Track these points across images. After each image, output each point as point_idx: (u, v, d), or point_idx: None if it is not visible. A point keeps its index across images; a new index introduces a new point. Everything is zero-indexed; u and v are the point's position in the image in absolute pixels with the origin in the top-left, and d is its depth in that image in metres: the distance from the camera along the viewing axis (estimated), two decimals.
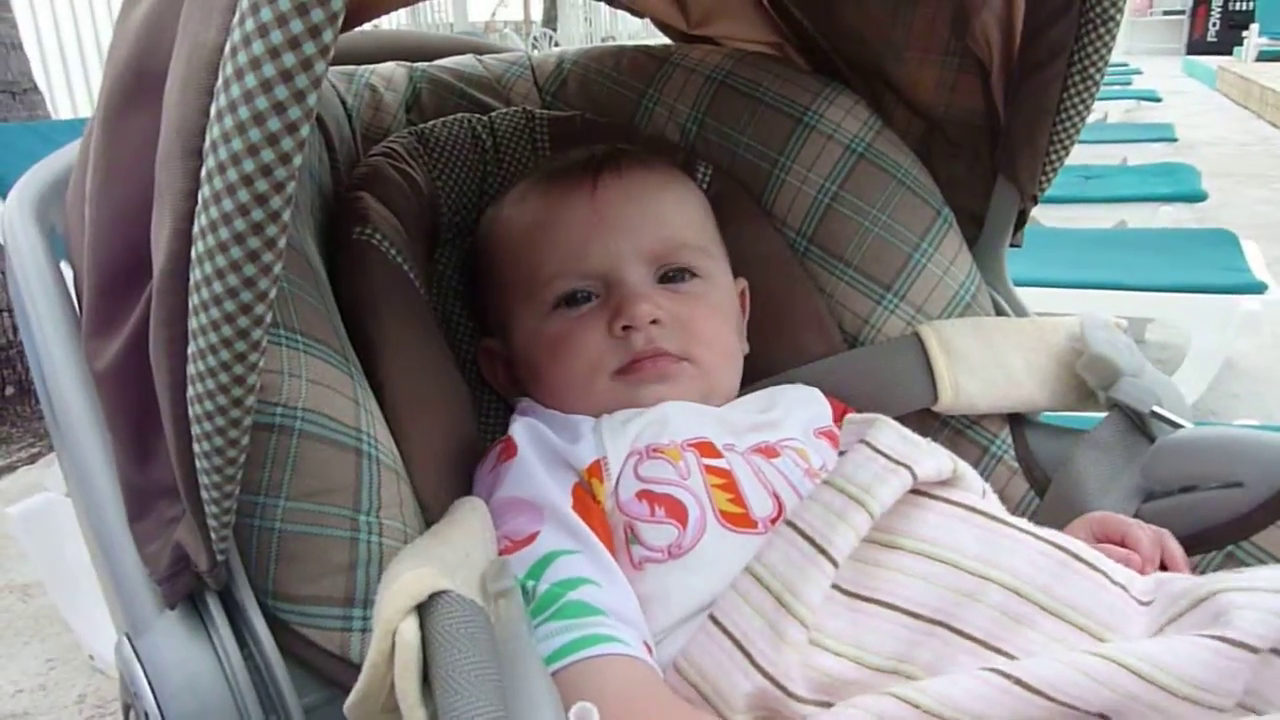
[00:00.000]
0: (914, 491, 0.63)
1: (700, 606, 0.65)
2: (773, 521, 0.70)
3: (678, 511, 0.69)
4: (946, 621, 0.59)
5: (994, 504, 0.68)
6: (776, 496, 0.72)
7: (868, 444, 0.64)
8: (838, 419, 0.87)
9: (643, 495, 0.71)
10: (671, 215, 0.87)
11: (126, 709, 0.60)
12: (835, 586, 0.61)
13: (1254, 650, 0.52)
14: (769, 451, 0.77)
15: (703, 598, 0.65)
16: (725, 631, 0.60)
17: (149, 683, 0.57)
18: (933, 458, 0.64)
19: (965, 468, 0.67)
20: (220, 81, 0.40)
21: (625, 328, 0.80)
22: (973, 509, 0.64)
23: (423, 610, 0.51)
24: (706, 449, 0.75)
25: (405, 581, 0.51)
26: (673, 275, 0.85)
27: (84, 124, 0.64)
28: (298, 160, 0.40)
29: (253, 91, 0.39)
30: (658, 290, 0.83)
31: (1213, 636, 0.53)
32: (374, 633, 0.51)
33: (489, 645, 0.51)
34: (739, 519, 0.70)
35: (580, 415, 0.79)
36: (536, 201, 0.88)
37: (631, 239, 0.83)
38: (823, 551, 0.60)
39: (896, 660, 0.59)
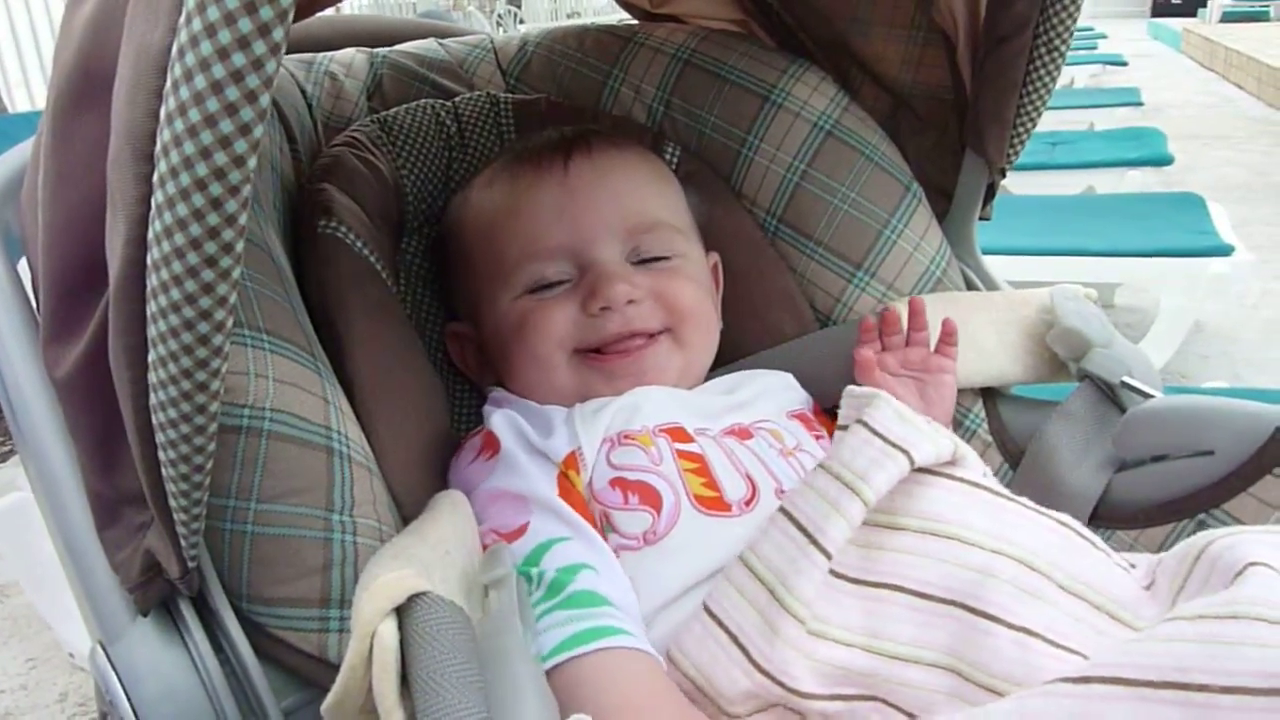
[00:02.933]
0: (916, 470, 0.62)
1: (679, 592, 0.65)
2: (747, 504, 0.70)
3: (651, 498, 0.69)
4: (962, 600, 0.57)
5: (994, 483, 0.66)
6: (750, 478, 0.72)
7: (864, 424, 0.62)
8: (815, 410, 0.87)
9: (616, 483, 0.70)
10: (644, 194, 0.87)
11: (104, 717, 0.60)
12: (840, 574, 0.60)
13: None
14: (742, 433, 0.77)
15: (680, 583, 0.65)
16: (720, 625, 0.60)
17: (124, 691, 0.57)
18: (931, 442, 0.62)
19: (966, 449, 0.65)
20: (169, 84, 0.39)
21: (603, 308, 0.80)
22: (975, 484, 0.63)
23: (401, 612, 0.50)
24: (678, 434, 0.75)
25: (384, 583, 0.51)
26: (647, 259, 0.84)
27: (39, 117, 0.62)
28: (252, 162, 0.39)
29: (203, 93, 0.38)
30: (632, 270, 0.83)
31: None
32: (352, 634, 0.50)
33: (469, 646, 0.50)
34: (713, 502, 0.70)
35: (553, 406, 0.78)
36: (506, 184, 0.87)
37: (604, 218, 0.83)
38: (814, 542, 0.59)
39: (911, 645, 0.58)
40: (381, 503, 0.66)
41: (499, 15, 8.21)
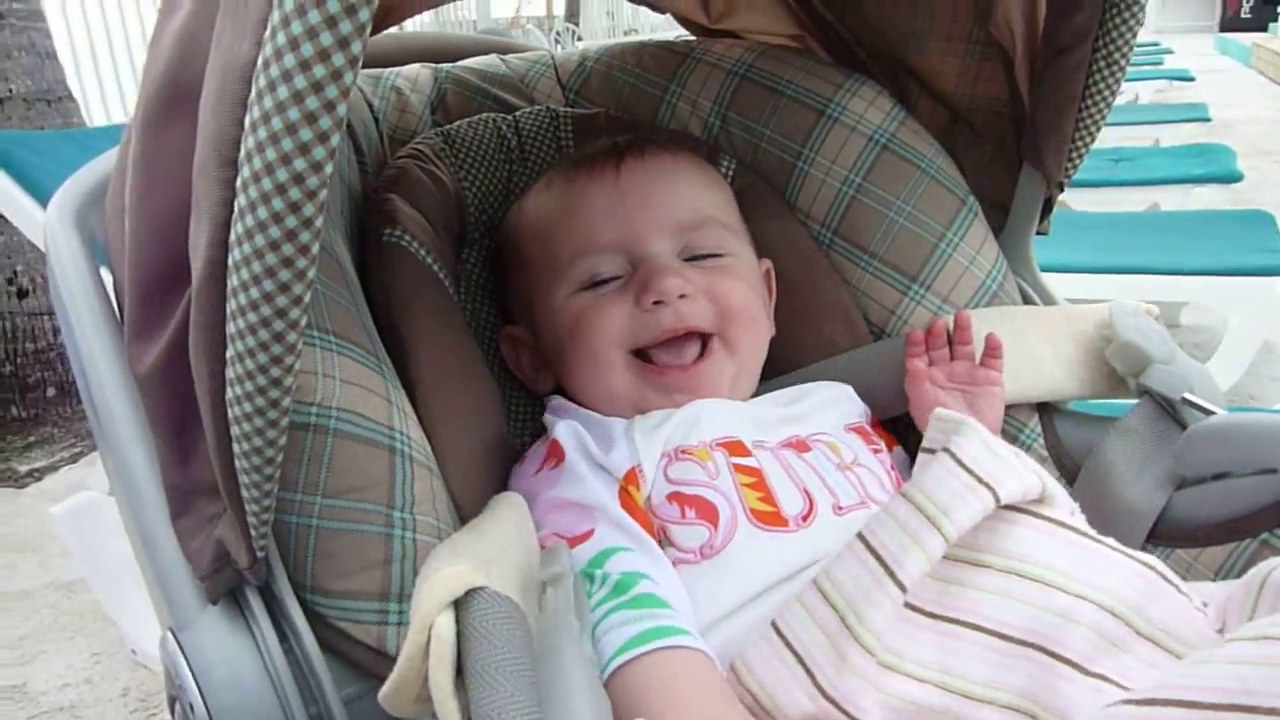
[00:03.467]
0: (1002, 506, 0.60)
1: (734, 606, 0.66)
2: (804, 519, 0.70)
3: (708, 512, 0.70)
4: (1040, 644, 0.56)
5: (1082, 522, 0.64)
6: (807, 493, 0.72)
7: (951, 454, 0.60)
8: (872, 422, 0.87)
9: (673, 497, 0.71)
10: (695, 192, 0.88)
11: (173, 702, 0.62)
12: (917, 608, 0.59)
13: None
14: (800, 446, 0.77)
15: (736, 598, 0.66)
16: (788, 645, 0.59)
17: (194, 676, 0.59)
18: (1018, 479, 0.60)
19: (1055, 487, 0.63)
20: (254, 94, 0.41)
21: (656, 302, 0.80)
22: (1062, 524, 0.61)
23: (459, 605, 0.52)
24: (735, 448, 0.75)
25: (443, 577, 0.52)
26: (700, 256, 0.85)
27: (119, 130, 0.65)
28: (329, 168, 0.41)
29: (285, 103, 0.40)
30: (684, 265, 0.84)
31: None
32: (411, 625, 0.52)
33: (524, 641, 0.52)
34: (770, 517, 0.70)
35: (613, 418, 0.79)
36: (561, 188, 0.88)
37: (655, 214, 0.84)
38: (890, 574, 0.57)
39: (986, 685, 0.57)
40: (441, 502, 0.67)
41: (557, 32, 8.32)
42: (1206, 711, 0.44)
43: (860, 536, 0.60)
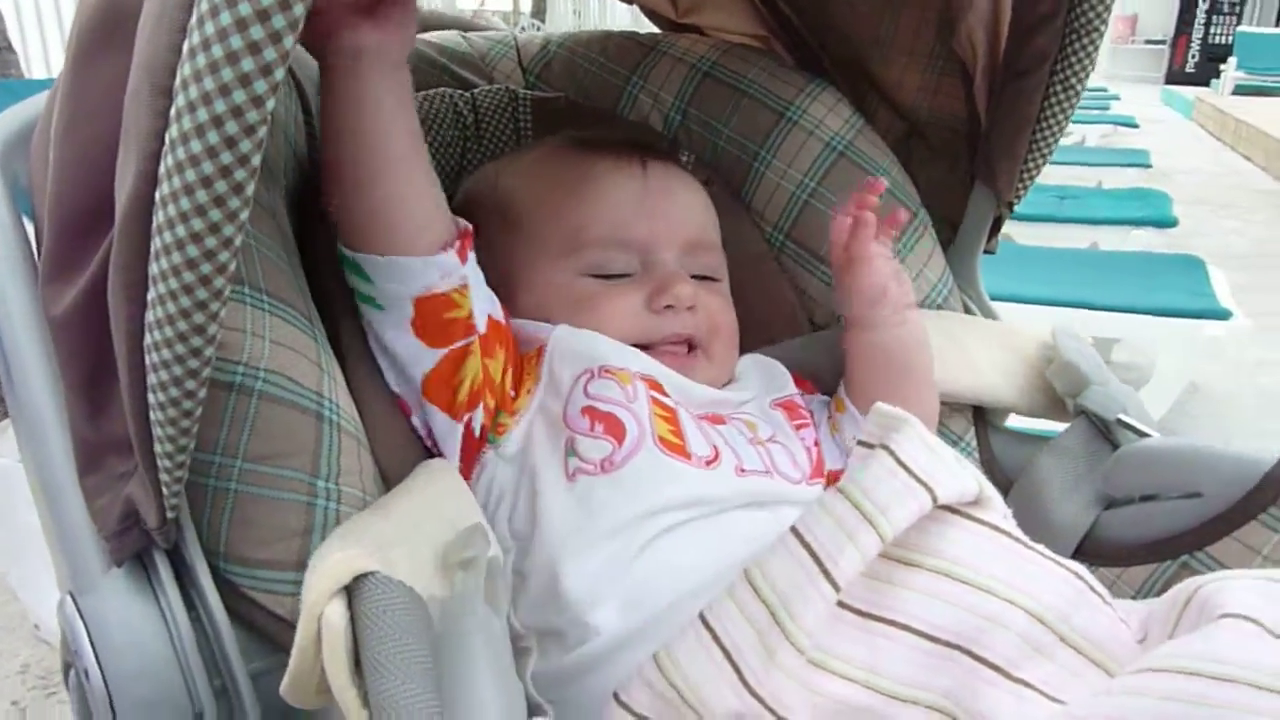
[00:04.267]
0: (937, 507, 0.60)
1: (625, 522, 0.67)
2: (708, 463, 0.72)
3: (616, 429, 0.71)
4: (967, 646, 0.56)
5: (1014, 527, 0.64)
6: (715, 448, 0.74)
7: (890, 452, 0.60)
8: (798, 380, 0.88)
9: (586, 411, 0.73)
10: (704, 214, 0.90)
11: (67, 669, 0.59)
12: (849, 606, 0.58)
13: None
14: (715, 419, 0.79)
15: (627, 513, 0.67)
16: (716, 639, 0.58)
17: (90, 641, 0.56)
18: (956, 480, 0.60)
19: (991, 490, 0.63)
20: (194, 18, 0.39)
21: (667, 306, 0.81)
22: (996, 528, 0.61)
23: (350, 592, 0.50)
24: (658, 387, 0.77)
25: (329, 565, 0.50)
26: (700, 276, 0.86)
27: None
28: (270, 103, 0.39)
29: (227, 29, 0.38)
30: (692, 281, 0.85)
31: (1224, 615, 0.51)
32: (300, 616, 0.50)
33: (418, 626, 0.50)
34: (675, 448, 0.72)
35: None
36: (577, 167, 0.87)
37: (674, 224, 0.86)
38: (825, 573, 0.56)
39: (911, 686, 0.56)
40: (369, 475, 0.65)
41: (522, 28, 8.27)
42: None
43: (795, 531, 0.59)
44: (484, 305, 0.75)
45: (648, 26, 1.18)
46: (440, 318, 0.71)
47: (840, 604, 0.58)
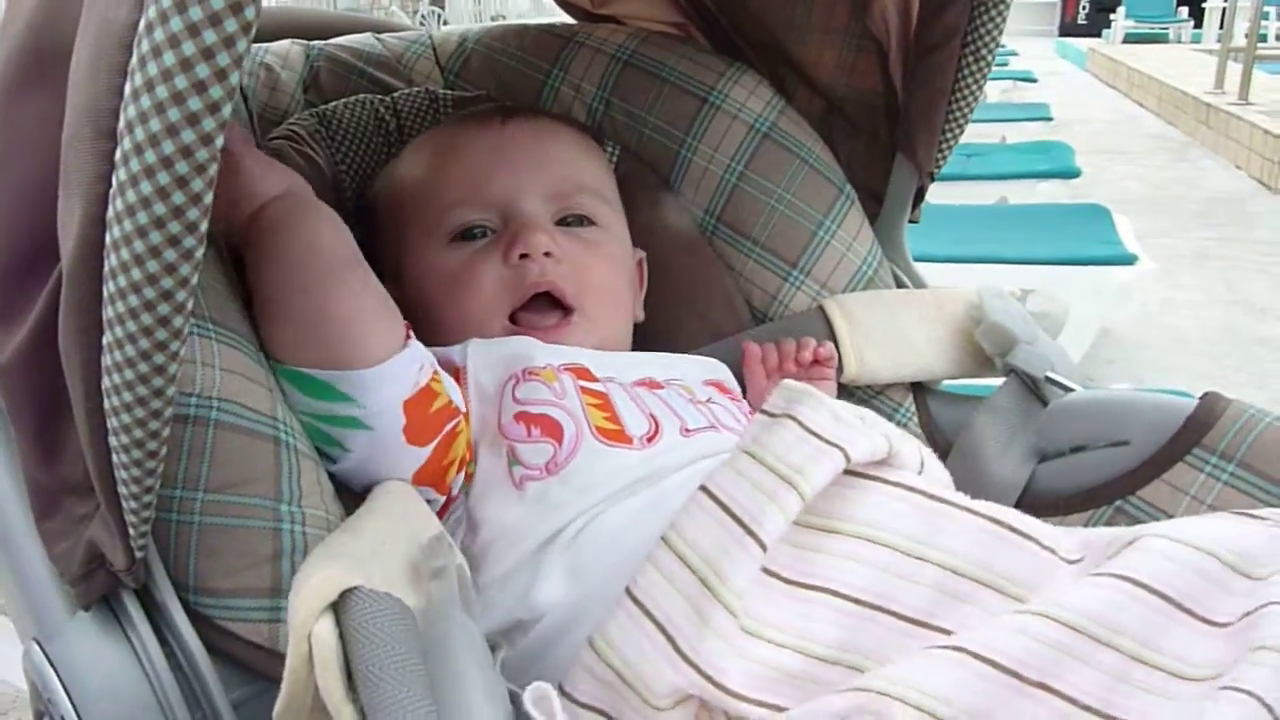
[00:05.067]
0: (851, 473, 0.61)
1: (577, 515, 0.68)
2: (648, 440, 0.73)
3: (553, 430, 0.72)
4: (884, 605, 0.58)
5: (934, 476, 0.66)
6: (654, 418, 0.75)
7: (798, 421, 0.61)
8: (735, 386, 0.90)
9: (520, 417, 0.73)
10: (576, 160, 0.89)
11: (39, 716, 0.58)
12: (777, 575, 0.59)
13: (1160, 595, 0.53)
14: (652, 384, 0.80)
15: (578, 508, 0.68)
16: (647, 613, 0.58)
17: (64, 688, 0.55)
18: (866, 438, 0.62)
19: (901, 444, 0.65)
20: (135, 60, 0.38)
21: (522, 256, 0.81)
22: (911, 488, 0.63)
23: (336, 610, 0.50)
24: (583, 373, 0.77)
25: (313, 585, 0.50)
26: (571, 220, 0.86)
27: None
28: (219, 141, 0.39)
29: (171, 70, 0.37)
30: (555, 229, 0.85)
31: (1119, 576, 0.54)
32: (289, 639, 0.50)
33: (408, 635, 0.50)
34: (614, 435, 0.72)
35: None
36: (442, 140, 0.88)
37: (534, 175, 0.85)
38: (751, 534, 0.57)
39: (840, 649, 0.57)
40: (328, 493, 0.65)
41: (422, 16, 8.11)
42: (983, 666, 0.50)
43: (707, 491, 0.59)
44: (449, 384, 0.73)
45: (550, 11, 1.17)
46: (427, 414, 0.69)
47: (767, 571, 0.59)
